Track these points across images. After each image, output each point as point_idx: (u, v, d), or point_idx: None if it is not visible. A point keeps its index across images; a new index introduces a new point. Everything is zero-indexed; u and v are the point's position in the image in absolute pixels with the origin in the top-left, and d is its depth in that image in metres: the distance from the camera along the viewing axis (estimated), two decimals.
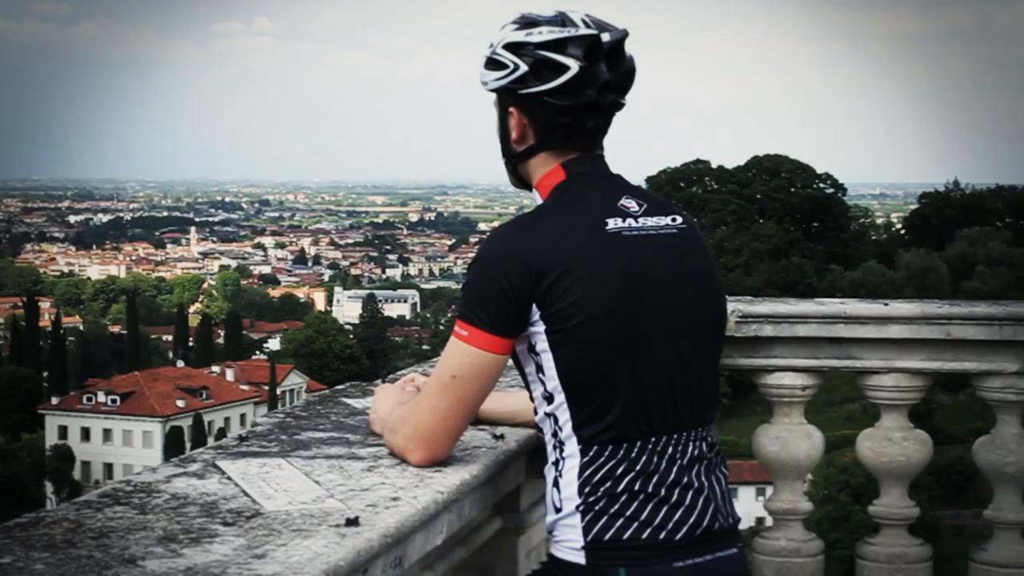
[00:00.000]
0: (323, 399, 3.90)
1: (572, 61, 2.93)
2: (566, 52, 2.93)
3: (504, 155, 3.14)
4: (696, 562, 2.94)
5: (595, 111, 3.00)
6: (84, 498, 2.64)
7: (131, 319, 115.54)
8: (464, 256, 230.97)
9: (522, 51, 2.97)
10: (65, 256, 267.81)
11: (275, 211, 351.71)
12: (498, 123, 3.11)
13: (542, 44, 2.94)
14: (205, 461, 2.99)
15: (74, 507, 2.57)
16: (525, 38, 2.97)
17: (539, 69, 2.94)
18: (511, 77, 2.97)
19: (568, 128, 3.00)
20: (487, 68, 3.05)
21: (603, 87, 2.97)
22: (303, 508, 2.58)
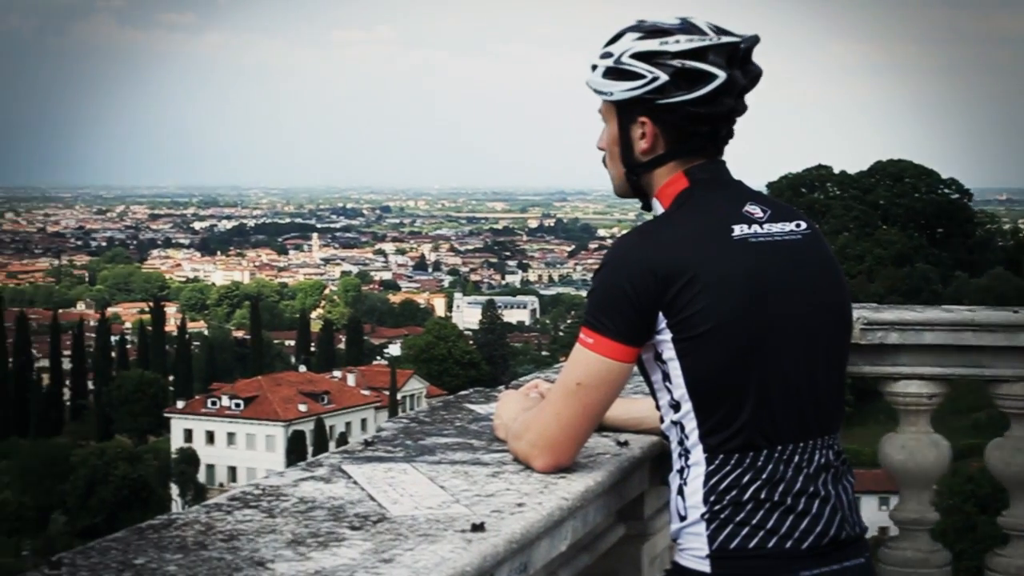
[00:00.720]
0: (447, 405, 3.92)
1: (717, 70, 2.90)
2: (707, 60, 2.90)
3: (626, 165, 3.09)
4: (823, 571, 2.91)
5: (729, 119, 2.99)
6: (214, 501, 2.68)
7: (254, 324, 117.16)
8: (583, 262, 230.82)
9: (658, 60, 2.92)
10: (190, 262, 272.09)
11: (396, 217, 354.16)
12: (618, 133, 3.06)
13: (681, 53, 2.91)
14: (332, 465, 3.01)
15: (204, 510, 2.61)
16: (660, 47, 2.94)
17: (680, 78, 2.90)
18: (649, 87, 2.92)
19: (705, 137, 2.99)
20: (609, 78, 2.99)
21: (740, 94, 2.96)
22: (429, 513, 2.59)
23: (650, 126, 2.98)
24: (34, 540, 76.74)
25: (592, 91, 3.07)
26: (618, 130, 3.05)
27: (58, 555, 2.27)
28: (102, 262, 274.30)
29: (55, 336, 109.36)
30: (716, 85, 2.92)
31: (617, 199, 3.31)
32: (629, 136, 3.03)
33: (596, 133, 3.18)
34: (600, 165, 3.21)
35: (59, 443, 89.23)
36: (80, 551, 2.31)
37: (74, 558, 2.27)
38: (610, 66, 2.99)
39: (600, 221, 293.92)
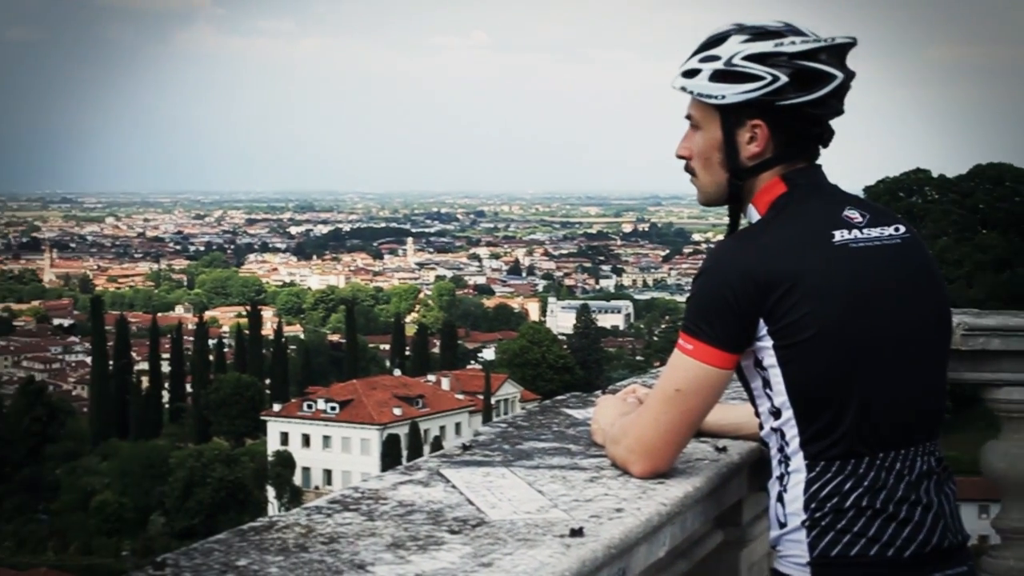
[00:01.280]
0: (544, 409, 3.92)
1: (835, 71, 2.89)
2: (821, 61, 2.89)
3: (730, 170, 3.03)
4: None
5: (830, 121, 2.98)
6: (315, 503, 2.70)
7: (350, 328, 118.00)
8: (677, 267, 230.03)
9: (774, 61, 2.89)
10: (287, 266, 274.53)
11: (490, 222, 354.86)
12: (722, 137, 3.01)
13: (798, 54, 2.88)
14: (430, 469, 3.03)
15: (305, 512, 2.63)
16: (775, 48, 2.91)
17: (798, 79, 2.87)
18: (768, 88, 2.89)
19: (813, 140, 2.98)
20: (719, 81, 2.96)
21: (844, 96, 2.95)
22: (527, 518, 2.59)
23: (764, 129, 2.94)
24: (133, 541, 77.80)
25: (693, 95, 3.01)
26: (723, 134, 3.00)
27: (162, 556, 2.30)
28: (200, 266, 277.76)
29: (154, 339, 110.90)
30: (834, 86, 2.91)
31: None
32: (735, 140, 2.99)
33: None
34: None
35: (158, 445, 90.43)
36: (183, 552, 2.34)
37: (178, 559, 2.30)
38: (719, 69, 2.95)
39: (695, 225, 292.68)
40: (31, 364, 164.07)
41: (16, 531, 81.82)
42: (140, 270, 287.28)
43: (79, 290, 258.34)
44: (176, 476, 79.98)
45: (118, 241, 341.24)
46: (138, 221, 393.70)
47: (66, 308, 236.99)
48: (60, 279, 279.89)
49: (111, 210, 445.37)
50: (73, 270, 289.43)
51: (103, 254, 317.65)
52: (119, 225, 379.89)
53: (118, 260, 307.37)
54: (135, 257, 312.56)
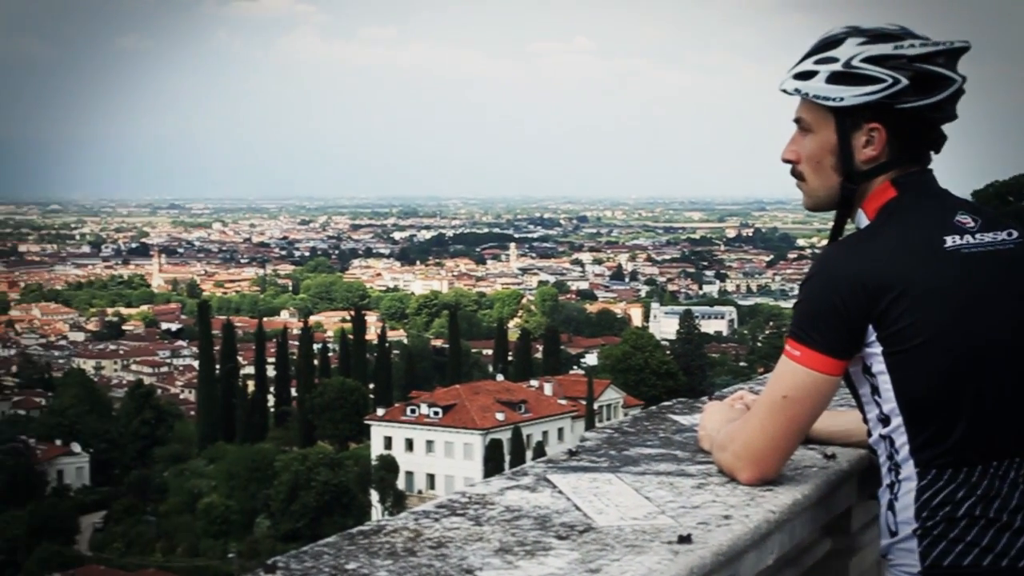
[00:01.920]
0: (650, 415, 3.91)
1: (954, 74, 2.87)
2: (939, 64, 2.87)
3: (844, 174, 2.99)
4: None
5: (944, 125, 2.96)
6: (422, 508, 2.72)
7: (453, 333, 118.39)
8: (782, 272, 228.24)
9: (894, 64, 2.86)
10: (390, 271, 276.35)
11: (593, 227, 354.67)
12: (837, 140, 2.97)
13: (918, 57, 2.86)
14: (537, 474, 3.03)
15: (413, 517, 2.64)
16: (895, 51, 2.88)
17: (919, 83, 2.85)
18: (889, 91, 2.85)
19: (928, 144, 2.96)
20: (836, 83, 2.91)
21: (958, 100, 2.93)
22: (635, 524, 2.59)
23: (881, 132, 2.90)
24: (239, 543, 78.69)
25: (808, 97, 2.97)
26: (837, 138, 2.96)
27: (273, 559, 2.32)
28: (305, 271, 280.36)
29: (260, 344, 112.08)
30: (952, 90, 2.89)
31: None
32: (850, 143, 2.95)
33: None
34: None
35: (263, 448, 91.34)
36: (294, 555, 2.37)
37: (288, 562, 2.33)
38: (837, 71, 2.91)
39: (799, 231, 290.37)
40: (140, 368, 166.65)
41: (125, 532, 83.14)
42: (246, 275, 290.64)
43: (187, 295, 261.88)
44: (281, 479, 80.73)
45: (225, 246, 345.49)
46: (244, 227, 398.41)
47: (174, 313, 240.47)
48: (168, 284, 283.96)
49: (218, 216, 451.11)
50: (181, 275, 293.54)
51: (210, 259, 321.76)
52: (226, 231, 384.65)
53: (225, 265, 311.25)
54: (241, 262, 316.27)
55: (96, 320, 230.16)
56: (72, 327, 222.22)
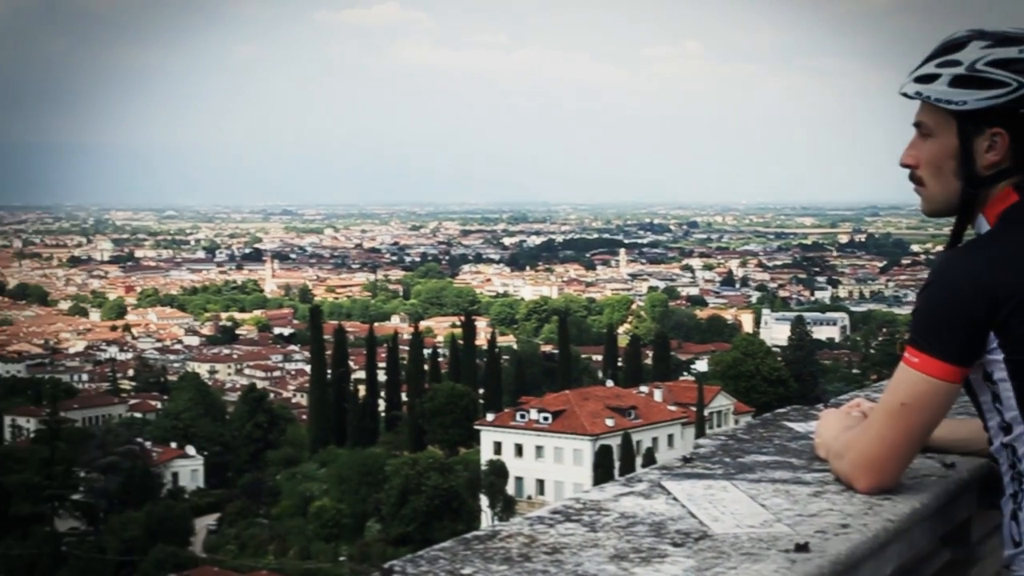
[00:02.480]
0: (764, 422, 3.88)
1: None
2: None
3: (965, 179, 2.95)
4: None
5: None
6: (536, 513, 2.72)
7: (562, 339, 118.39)
8: (895, 278, 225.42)
9: (1019, 68, 2.81)
10: (500, 277, 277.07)
11: (703, 232, 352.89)
12: (958, 145, 2.92)
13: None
14: (651, 481, 3.02)
15: (528, 522, 2.65)
16: (1020, 54, 2.83)
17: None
18: (1015, 95, 2.81)
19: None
20: (959, 86, 2.87)
21: None
22: (751, 532, 2.57)
23: (1004, 137, 2.85)
24: (351, 546, 79.30)
25: (929, 101, 2.93)
26: (959, 142, 2.91)
27: (389, 563, 2.34)
28: (415, 277, 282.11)
29: (371, 348, 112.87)
30: None
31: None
32: (972, 148, 2.90)
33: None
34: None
35: (374, 453, 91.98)
36: (410, 559, 2.38)
37: (404, 566, 2.34)
38: (960, 74, 2.87)
39: (914, 236, 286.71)
40: (253, 372, 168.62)
41: (238, 534, 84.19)
42: (357, 280, 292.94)
43: (299, 300, 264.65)
44: (392, 484, 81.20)
45: (336, 252, 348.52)
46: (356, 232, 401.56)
47: (286, 318, 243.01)
48: (281, 289, 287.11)
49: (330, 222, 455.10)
50: (293, 280, 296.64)
51: (322, 265, 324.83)
52: (337, 236, 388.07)
53: (336, 271, 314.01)
54: (352, 268, 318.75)
55: (210, 325, 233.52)
56: (187, 331, 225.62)
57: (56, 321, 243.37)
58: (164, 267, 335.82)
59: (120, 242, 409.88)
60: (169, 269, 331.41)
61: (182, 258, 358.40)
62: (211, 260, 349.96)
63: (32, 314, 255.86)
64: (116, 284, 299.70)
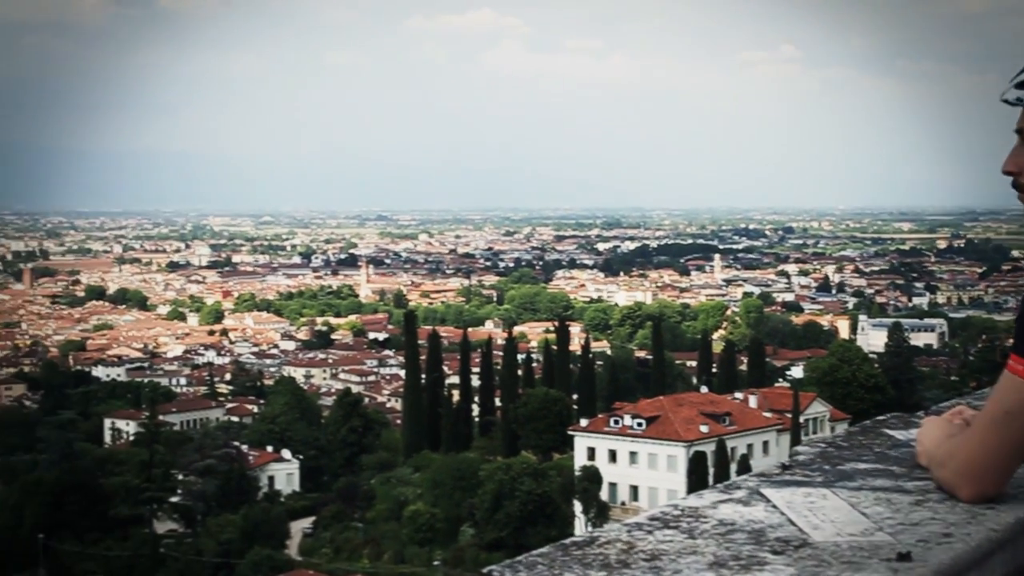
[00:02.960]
0: (864, 429, 3.84)
1: None
2: None
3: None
4: None
5: None
6: (634, 520, 2.71)
7: (656, 344, 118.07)
8: (995, 284, 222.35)
9: None
10: (594, 282, 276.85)
11: (799, 238, 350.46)
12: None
13: None
14: (750, 488, 3.00)
15: (626, 528, 2.64)
16: None
17: None
18: None
19: None
20: None
21: None
22: (851, 540, 2.55)
23: None
24: (445, 551, 79.56)
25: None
26: None
27: (489, 568, 2.34)
28: (509, 282, 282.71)
29: (465, 353, 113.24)
30: None
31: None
32: None
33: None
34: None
35: (468, 457, 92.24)
36: (508, 564, 2.38)
37: (503, 571, 2.34)
38: None
39: (1014, 242, 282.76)
40: (348, 376, 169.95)
41: (333, 538, 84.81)
42: (451, 285, 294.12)
43: (393, 305, 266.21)
44: (486, 489, 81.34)
45: (431, 257, 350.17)
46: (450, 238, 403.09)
47: (381, 323, 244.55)
48: (376, 294, 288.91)
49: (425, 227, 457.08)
50: (388, 285, 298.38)
51: (416, 270, 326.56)
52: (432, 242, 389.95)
53: (430, 276, 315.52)
54: (447, 273, 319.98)
55: (306, 329, 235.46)
56: (283, 336, 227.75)
57: (155, 326, 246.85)
58: (261, 272, 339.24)
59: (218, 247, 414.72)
60: (266, 274, 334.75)
61: (278, 263, 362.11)
62: (307, 265, 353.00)
63: (132, 319, 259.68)
64: (214, 289, 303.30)
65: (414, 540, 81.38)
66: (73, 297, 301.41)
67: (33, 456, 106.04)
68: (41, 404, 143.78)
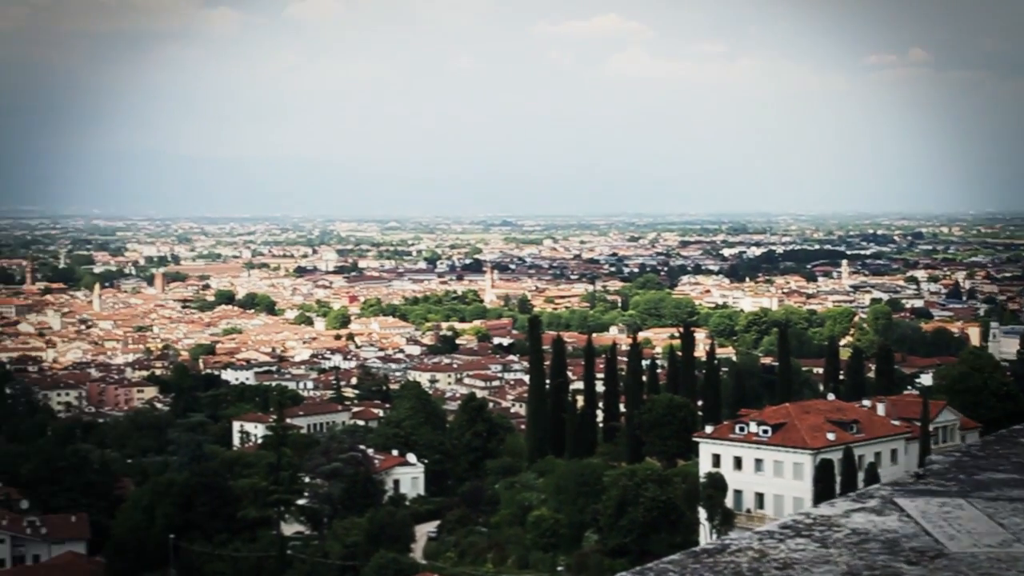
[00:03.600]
0: (1000, 439, 3.76)
1: None
2: None
3: None
4: None
5: None
6: (765, 528, 2.68)
7: (782, 351, 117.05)
8: None
9: None
10: (719, 288, 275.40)
11: (928, 243, 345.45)
12: None
13: None
14: (883, 497, 2.95)
15: (757, 537, 2.61)
16: None
17: None
18: None
19: None
20: None
21: None
22: (989, 552, 2.49)
23: None
24: (568, 556, 79.47)
25: None
26: None
27: (619, 574, 2.33)
28: (634, 288, 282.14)
29: (589, 359, 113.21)
30: None
31: None
32: None
33: None
34: None
35: (592, 463, 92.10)
36: (638, 571, 2.37)
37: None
38: None
39: None
40: (472, 381, 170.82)
41: (458, 542, 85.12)
42: (576, 291, 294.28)
43: (518, 310, 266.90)
44: (609, 494, 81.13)
45: (555, 262, 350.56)
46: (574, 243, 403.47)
47: (506, 328, 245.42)
48: (500, 299, 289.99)
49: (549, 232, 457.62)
50: (512, 291, 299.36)
51: (541, 275, 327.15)
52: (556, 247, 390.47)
53: (555, 281, 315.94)
54: (571, 278, 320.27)
55: (431, 334, 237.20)
56: (408, 341, 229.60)
57: (283, 330, 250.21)
58: (386, 277, 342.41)
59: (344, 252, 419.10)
60: (391, 279, 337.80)
61: (404, 268, 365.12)
62: (432, 270, 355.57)
63: (260, 323, 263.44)
64: (340, 294, 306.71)
65: (538, 545, 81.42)
66: (203, 301, 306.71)
67: (164, 458, 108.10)
68: (172, 407, 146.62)
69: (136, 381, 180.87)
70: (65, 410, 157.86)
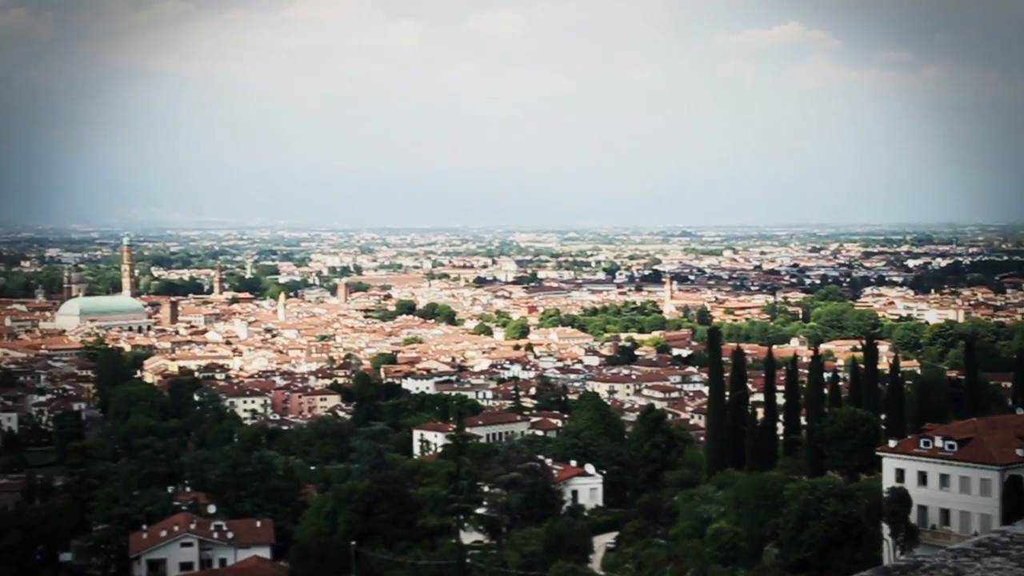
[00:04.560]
0: None
1: None
2: None
3: None
4: None
5: None
6: (959, 546, 2.63)
7: (969, 364, 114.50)
8: None
9: None
10: (903, 300, 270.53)
11: None
12: None
13: None
14: None
15: (951, 555, 2.56)
16: None
17: None
18: None
19: None
20: None
21: None
22: None
23: None
24: (748, 570, 78.71)
25: None
26: None
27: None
28: (816, 299, 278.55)
29: (769, 371, 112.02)
30: None
31: None
32: None
33: None
34: None
35: (772, 476, 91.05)
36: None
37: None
38: None
39: None
40: (651, 393, 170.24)
41: (636, 554, 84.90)
42: (756, 302, 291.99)
43: (697, 321, 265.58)
44: (790, 508, 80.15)
45: (735, 273, 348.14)
46: (755, 254, 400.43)
47: (685, 339, 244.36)
48: (679, 310, 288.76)
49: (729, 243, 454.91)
50: (692, 302, 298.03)
51: (720, 286, 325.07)
52: (736, 258, 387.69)
53: (735, 292, 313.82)
54: (751, 289, 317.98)
55: (610, 345, 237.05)
56: (587, 351, 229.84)
57: (462, 340, 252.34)
58: (565, 288, 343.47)
59: (523, 263, 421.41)
60: (570, 290, 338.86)
61: (583, 279, 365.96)
62: (611, 281, 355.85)
63: (440, 332, 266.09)
64: (519, 304, 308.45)
65: (717, 558, 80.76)
66: (384, 311, 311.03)
67: (346, 465, 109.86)
68: (354, 415, 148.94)
69: (319, 389, 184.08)
70: (251, 417, 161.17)
